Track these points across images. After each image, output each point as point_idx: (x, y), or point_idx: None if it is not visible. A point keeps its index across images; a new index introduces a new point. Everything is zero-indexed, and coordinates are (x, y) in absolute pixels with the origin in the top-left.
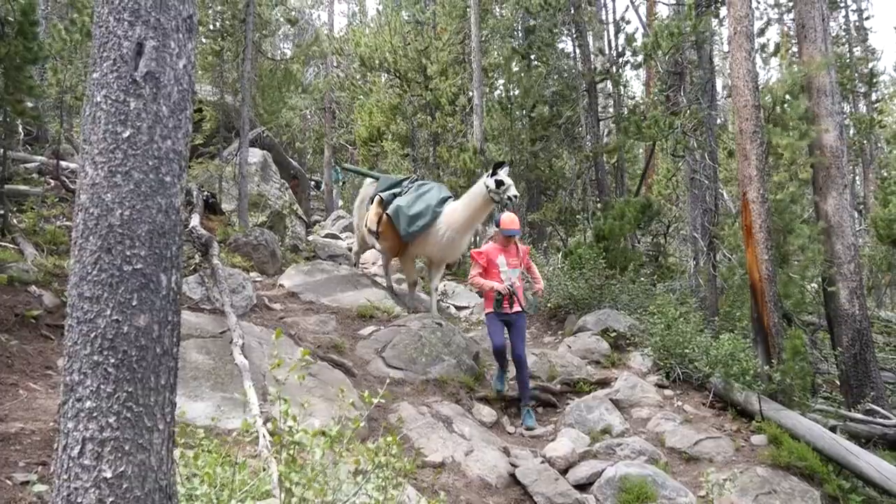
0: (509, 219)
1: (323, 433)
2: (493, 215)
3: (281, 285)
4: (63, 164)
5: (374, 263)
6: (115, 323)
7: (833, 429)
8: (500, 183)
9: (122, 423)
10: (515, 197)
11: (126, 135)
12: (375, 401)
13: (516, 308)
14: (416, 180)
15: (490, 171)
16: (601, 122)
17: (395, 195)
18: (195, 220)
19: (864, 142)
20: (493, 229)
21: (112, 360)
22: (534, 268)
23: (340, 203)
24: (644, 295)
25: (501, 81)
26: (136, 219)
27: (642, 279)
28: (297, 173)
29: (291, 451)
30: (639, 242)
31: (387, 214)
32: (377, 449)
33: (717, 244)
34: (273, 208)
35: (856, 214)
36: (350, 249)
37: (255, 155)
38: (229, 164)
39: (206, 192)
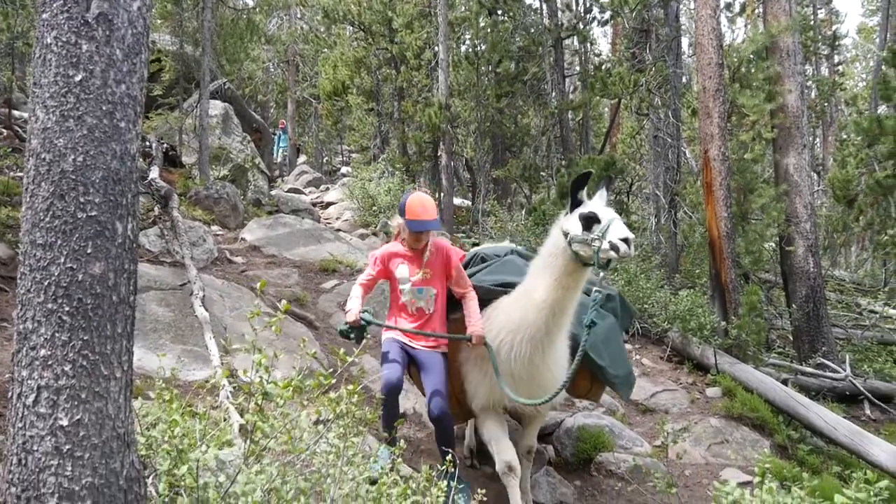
0: (418, 202)
1: (288, 385)
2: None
3: (243, 239)
4: (15, 113)
5: (337, 218)
6: (70, 271)
7: (785, 382)
8: (590, 220)
9: (78, 371)
10: (627, 242)
11: (78, 78)
12: (351, 359)
13: (425, 343)
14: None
15: (569, 200)
16: (567, 79)
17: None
18: (155, 173)
19: (826, 104)
20: (396, 219)
21: (67, 308)
22: (470, 297)
23: (303, 159)
24: None
25: (468, 36)
26: (89, 165)
27: None
28: (260, 126)
29: (259, 401)
30: None
31: None
32: (338, 398)
33: (679, 202)
34: (235, 162)
35: (815, 175)
36: (317, 205)
37: (217, 107)
38: (189, 117)
39: (165, 144)
